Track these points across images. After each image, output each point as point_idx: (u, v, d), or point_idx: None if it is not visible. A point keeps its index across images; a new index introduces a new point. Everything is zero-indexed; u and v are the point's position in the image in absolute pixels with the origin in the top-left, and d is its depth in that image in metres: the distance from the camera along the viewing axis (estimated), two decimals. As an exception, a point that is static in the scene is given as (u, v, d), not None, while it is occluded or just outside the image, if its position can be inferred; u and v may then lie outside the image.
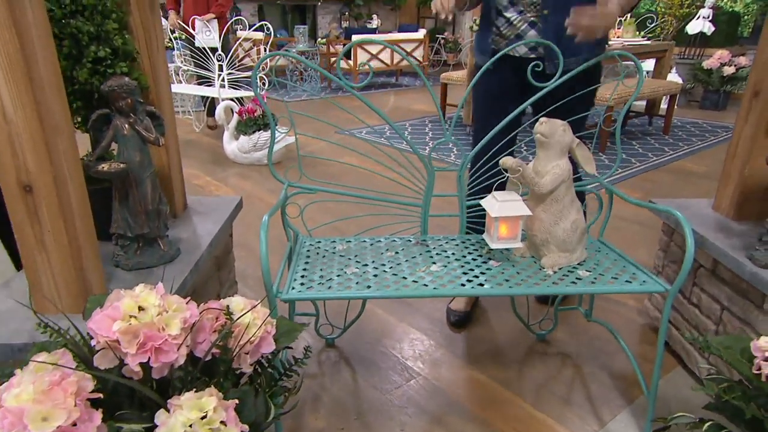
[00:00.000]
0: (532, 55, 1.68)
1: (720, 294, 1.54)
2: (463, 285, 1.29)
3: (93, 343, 0.86)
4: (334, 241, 1.60)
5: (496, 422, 1.49)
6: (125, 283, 1.29)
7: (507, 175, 1.34)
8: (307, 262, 1.45)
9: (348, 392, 1.61)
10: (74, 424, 0.77)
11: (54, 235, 1.07)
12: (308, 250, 1.54)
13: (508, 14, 1.67)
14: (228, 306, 1.02)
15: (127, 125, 1.27)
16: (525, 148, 4.37)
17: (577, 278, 1.34)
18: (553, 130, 1.32)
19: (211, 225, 1.64)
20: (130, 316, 0.86)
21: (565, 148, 1.35)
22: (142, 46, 1.47)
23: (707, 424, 1.02)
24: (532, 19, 1.64)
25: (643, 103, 5.44)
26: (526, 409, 1.54)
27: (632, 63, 1.45)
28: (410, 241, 1.60)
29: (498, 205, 1.34)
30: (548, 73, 1.57)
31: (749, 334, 1.41)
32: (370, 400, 1.58)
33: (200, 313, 0.98)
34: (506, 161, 1.32)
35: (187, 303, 0.94)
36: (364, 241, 1.61)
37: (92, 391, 0.84)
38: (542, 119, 1.34)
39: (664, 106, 5.39)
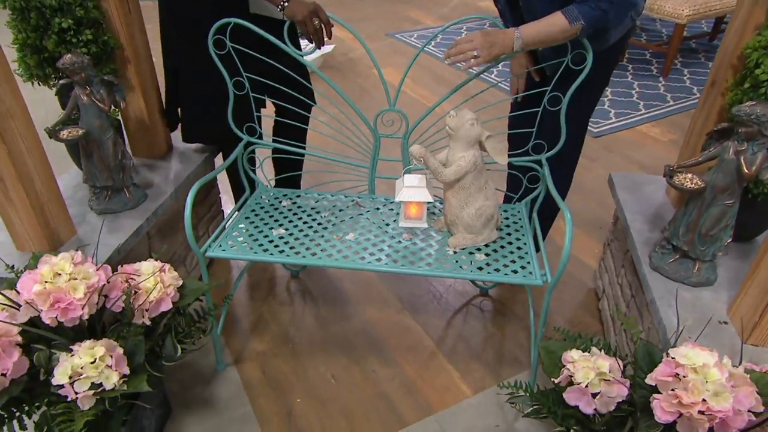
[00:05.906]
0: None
1: (632, 283, 1.59)
2: (363, 258, 1.45)
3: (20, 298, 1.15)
4: (284, 196, 1.78)
5: (406, 366, 1.72)
6: (92, 225, 1.57)
7: (414, 163, 1.43)
8: (247, 217, 1.65)
9: (293, 323, 1.89)
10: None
11: (16, 194, 1.34)
12: (258, 203, 1.73)
13: None
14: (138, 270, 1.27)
15: (84, 96, 1.47)
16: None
17: (471, 261, 1.45)
18: (459, 123, 1.37)
19: (184, 170, 1.86)
20: (46, 281, 1.13)
21: (473, 140, 1.39)
22: (112, 7, 1.62)
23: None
24: None
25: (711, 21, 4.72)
26: (438, 358, 1.75)
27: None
28: (353, 200, 1.75)
29: (404, 190, 1.45)
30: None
31: (640, 326, 1.49)
32: (309, 332, 1.84)
33: (114, 275, 1.24)
34: (413, 150, 1.39)
35: (97, 270, 1.20)
36: (315, 194, 1.78)
37: (22, 331, 1.14)
38: (452, 112, 1.38)
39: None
